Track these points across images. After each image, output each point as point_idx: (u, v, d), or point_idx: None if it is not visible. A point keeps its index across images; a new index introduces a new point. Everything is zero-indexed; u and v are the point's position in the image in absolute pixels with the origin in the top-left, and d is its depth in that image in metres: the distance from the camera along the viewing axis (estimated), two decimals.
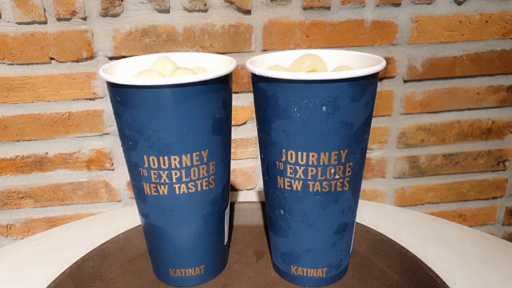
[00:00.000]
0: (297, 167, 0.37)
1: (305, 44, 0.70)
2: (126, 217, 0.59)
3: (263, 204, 0.55)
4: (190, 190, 0.38)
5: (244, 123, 0.75)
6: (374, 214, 0.57)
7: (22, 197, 0.74)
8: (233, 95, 0.74)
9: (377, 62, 0.38)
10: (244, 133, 0.75)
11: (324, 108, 0.34)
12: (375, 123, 0.76)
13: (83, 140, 0.72)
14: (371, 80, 0.35)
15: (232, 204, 0.55)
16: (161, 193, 0.38)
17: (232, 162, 0.77)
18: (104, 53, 0.68)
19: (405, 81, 0.75)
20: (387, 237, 0.47)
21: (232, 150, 0.77)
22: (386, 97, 0.76)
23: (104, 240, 0.48)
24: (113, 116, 0.72)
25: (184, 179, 0.37)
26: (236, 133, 0.75)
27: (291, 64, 0.43)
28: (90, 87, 0.69)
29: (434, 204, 0.84)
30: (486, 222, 0.87)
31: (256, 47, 0.70)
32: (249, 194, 0.64)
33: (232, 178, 0.78)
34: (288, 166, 0.37)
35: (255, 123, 0.75)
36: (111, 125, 0.72)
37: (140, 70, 0.42)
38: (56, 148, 0.72)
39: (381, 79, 0.74)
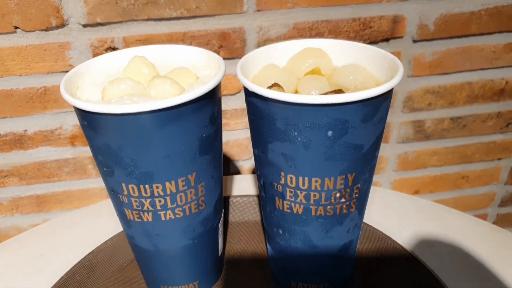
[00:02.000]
0: (298, 192, 0.32)
1: (304, 3, 0.62)
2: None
3: (258, 197, 0.51)
4: (177, 216, 0.34)
5: (238, 92, 0.69)
6: (376, 203, 0.54)
7: (5, 176, 0.70)
8: (225, 62, 0.67)
9: (393, 67, 0.32)
10: (238, 103, 0.70)
11: (330, 132, 0.29)
12: None
13: (64, 116, 0.67)
14: (386, 95, 0.29)
15: (227, 199, 0.51)
16: (145, 219, 0.34)
17: (226, 133, 0.72)
18: (77, 20, 0.60)
19: (415, 41, 0.68)
20: (396, 242, 0.43)
21: (225, 121, 0.72)
22: None
23: (92, 241, 0.45)
24: None
25: (169, 206, 0.33)
26: (229, 103, 0.69)
27: (289, 60, 0.37)
28: (65, 59, 0.62)
29: (437, 167, 0.81)
30: (488, 182, 0.85)
31: (248, 8, 0.62)
32: (244, 182, 0.60)
33: (226, 149, 0.74)
34: (288, 189, 0.33)
35: None
36: None
37: (111, 76, 0.35)
38: (35, 125, 0.67)
39: (387, 40, 0.67)
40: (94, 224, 0.51)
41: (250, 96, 0.31)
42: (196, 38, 0.63)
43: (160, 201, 0.33)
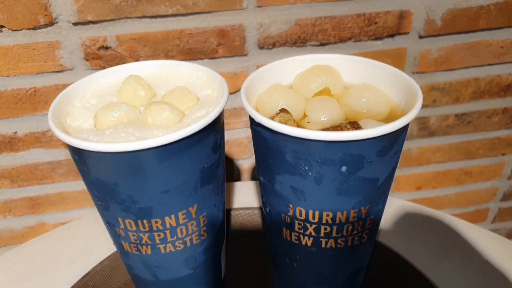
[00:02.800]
0: (308, 224, 0.30)
1: None
2: None
3: (262, 210, 0.49)
4: (178, 248, 0.32)
5: (237, 91, 0.66)
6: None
7: None
8: (223, 60, 0.64)
9: (410, 90, 0.29)
10: (237, 102, 0.67)
11: (343, 168, 0.26)
12: None
13: None
14: (404, 127, 0.27)
15: (228, 212, 0.49)
16: (143, 252, 0.32)
17: (225, 132, 0.70)
18: (66, 18, 0.56)
19: (421, 37, 0.65)
20: (402, 257, 0.42)
21: (225, 120, 0.69)
22: (397, 56, 0.67)
23: (88, 259, 0.43)
24: None
25: (169, 239, 0.31)
26: (228, 102, 0.67)
27: (296, 79, 0.34)
28: (55, 59, 0.59)
29: (440, 163, 0.80)
30: (492, 178, 0.84)
31: (248, 3, 0.59)
32: (245, 191, 0.57)
33: (226, 148, 0.72)
34: (297, 221, 0.31)
35: None
36: None
37: (104, 98, 0.32)
38: (26, 127, 0.64)
39: (393, 36, 0.65)
40: (89, 239, 0.49)
41: (257, 125, 0.28)
42: (194, 36, 0.60)
43: (159, 235, 0.30)
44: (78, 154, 0.27)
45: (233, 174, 0.75)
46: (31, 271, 0.45)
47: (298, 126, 0.29)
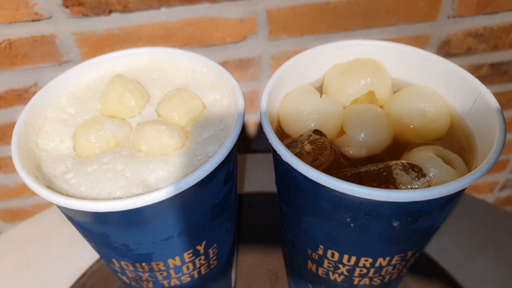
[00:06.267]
0: (340, 265, 0.25)
1: None
2: None
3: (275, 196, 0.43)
4: (184, 281, 0.27)
5: (244, 39, 0.57)
6: None
7: None
8: (226, 4, 0.54)
9: (483, 104, 0.22)
10: (244, 52, 0.59)
11: (396, 222, 0.20)
12: (412, 31, 0.59)
13: (38, 72, 0.56)
14: None
15: (240, 198, 0.43)
16: (144, 286, 0.27)
17: None
18: None
19: None
20: (436, 263, 0.37)
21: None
22: None
23: (84, 256, 0.38)
24: (70, 42, 0.55)
25: (174, 276, 0.26)
26: (233, 52, 0.58)
27: (331, 76, 0.26)
28: (28, 6, 0.50)
29: None
30: None
31: None
32: (258, 165, 0.50)
33: None
34: (326, 260, 0.25)
35: (256, 39, 0.58)
36: (70, 52, 0.55)
37: (84, 104, 0.25)
38: (5, 83, 0.57)
39: None
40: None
41: (283, 161, 0.22)
42: None
43: (162, 274, 0.26)
44: (62, 208, 0.21)
45: None
46: (24, 262, 0.41)
47: (334, 150, 0.23)
